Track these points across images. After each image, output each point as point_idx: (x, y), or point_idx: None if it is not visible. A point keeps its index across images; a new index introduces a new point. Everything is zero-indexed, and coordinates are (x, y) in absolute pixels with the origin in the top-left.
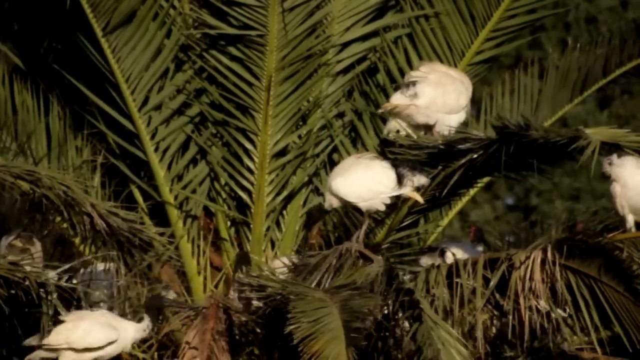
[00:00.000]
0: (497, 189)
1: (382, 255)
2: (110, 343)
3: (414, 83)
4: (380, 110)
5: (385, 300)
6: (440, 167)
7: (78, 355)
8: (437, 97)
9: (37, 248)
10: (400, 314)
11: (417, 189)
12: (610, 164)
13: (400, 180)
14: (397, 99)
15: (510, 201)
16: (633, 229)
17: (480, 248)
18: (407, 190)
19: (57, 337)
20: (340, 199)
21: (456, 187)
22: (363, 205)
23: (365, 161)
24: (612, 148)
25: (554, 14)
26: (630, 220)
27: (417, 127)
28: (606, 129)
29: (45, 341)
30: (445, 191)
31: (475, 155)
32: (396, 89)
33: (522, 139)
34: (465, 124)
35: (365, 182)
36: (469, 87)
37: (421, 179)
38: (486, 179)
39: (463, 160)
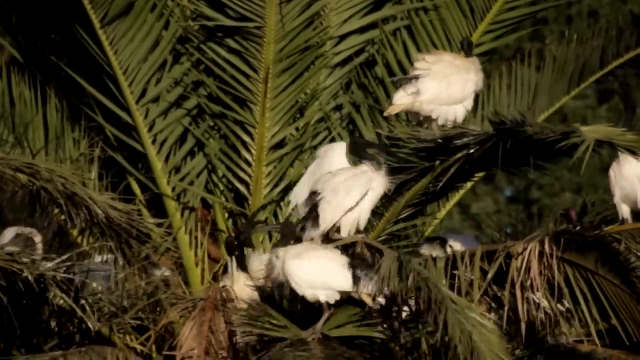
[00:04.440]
0: (498, 181)
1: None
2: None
3: (416, 77)
4: (385, 114)
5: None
6: (437, 162)
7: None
8: (442, 90)
9: (38, 239)
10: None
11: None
12: None
13: (355, 281)
14: (400, 97)
15: (509, 192)
16: (629, 220)
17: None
18: (358, 294)
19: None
20: (288, 279)
21: (454, 180)
22: (308, 293)
23: (324, 252)
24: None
25: (553, 6)
26: (625, 210)
27: (420, 119)
28: (602, 127)
29: (323, 228)
30: (442, 184)
31: (472, 150)
32: (397, 83)
33: (517, 134)
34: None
35: (320, 272)
36: (478, 73)
37: (374, 286)
38: (483, 173)
39: (459, 155)
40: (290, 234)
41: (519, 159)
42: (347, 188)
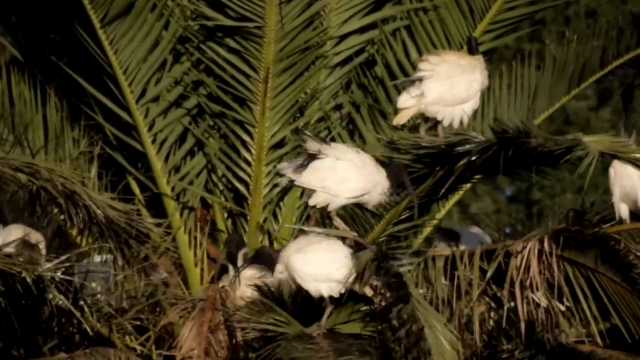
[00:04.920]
0: (499, 181)
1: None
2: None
3: (420, 79)
4: (394, 123)
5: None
6: (438, 168)
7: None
8: (446, 92)
9: (40, 240)
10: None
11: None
12: None
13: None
14: (404, 101)
15: (510, 192)
16: (628, 220)
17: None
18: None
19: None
20: (292, 275)
21: (454, 183)
22: (312, 287)
23: (326, 244)
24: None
25: (552, 7)
26: (624, 210)
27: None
28: (606, 138)
29: (300, 179)
30: (443, 190)
31: (473, 158)
32: (400, 86)
33: (521, 146)
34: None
35: (323, 265)
36: (483, 71)
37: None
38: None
39: (461, 162)
40: (269, 260)
41: (521, 165)
42: (345, 178)
